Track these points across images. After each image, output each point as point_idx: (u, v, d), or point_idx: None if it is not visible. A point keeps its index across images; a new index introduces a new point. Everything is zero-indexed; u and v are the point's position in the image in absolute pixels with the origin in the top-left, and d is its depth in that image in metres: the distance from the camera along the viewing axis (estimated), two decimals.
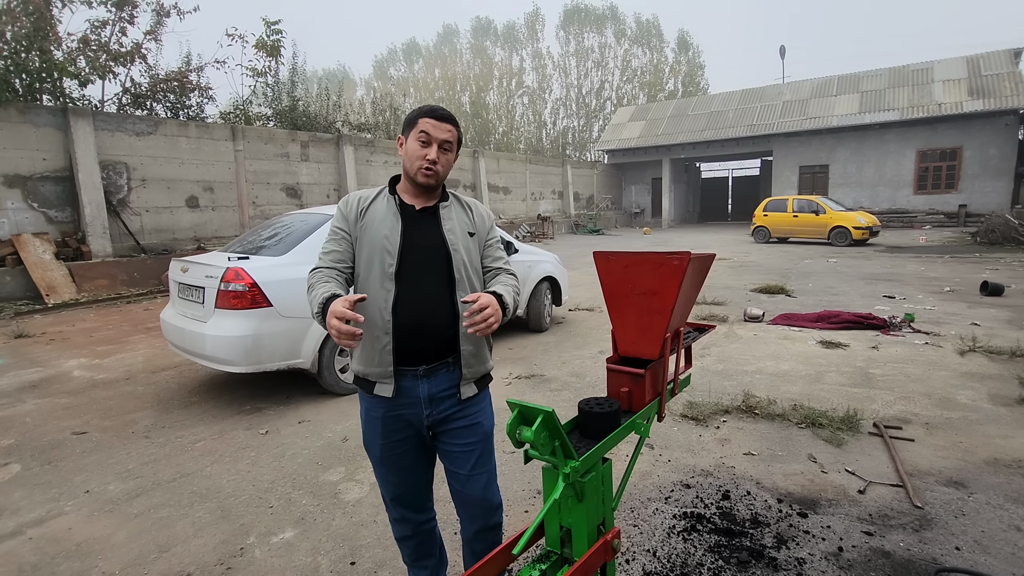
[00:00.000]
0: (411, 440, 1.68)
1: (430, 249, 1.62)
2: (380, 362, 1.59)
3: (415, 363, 1.60)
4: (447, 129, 1.60)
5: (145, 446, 3.37)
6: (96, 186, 9.76)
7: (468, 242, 1.68)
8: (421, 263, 1.61)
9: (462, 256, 1.64)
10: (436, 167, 1.59)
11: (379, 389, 1.62)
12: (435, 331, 1.60)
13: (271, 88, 14.86)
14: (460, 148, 1.73)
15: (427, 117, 1.59)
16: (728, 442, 3.21)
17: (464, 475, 1.70)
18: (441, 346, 1.62)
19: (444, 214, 1.67)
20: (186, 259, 4.21)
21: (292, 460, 3.14)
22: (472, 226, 1.71)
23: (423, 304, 1.59)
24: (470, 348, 1.65)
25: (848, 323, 5.81)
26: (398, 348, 1.58)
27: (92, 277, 9.18)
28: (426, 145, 1.58)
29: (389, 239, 1.59)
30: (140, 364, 5.17)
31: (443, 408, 1.64)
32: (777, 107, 24.02)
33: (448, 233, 1.64)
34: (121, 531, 2.47)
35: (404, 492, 1.71)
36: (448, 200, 1.72)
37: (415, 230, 1.63)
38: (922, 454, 2.98)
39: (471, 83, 42.30)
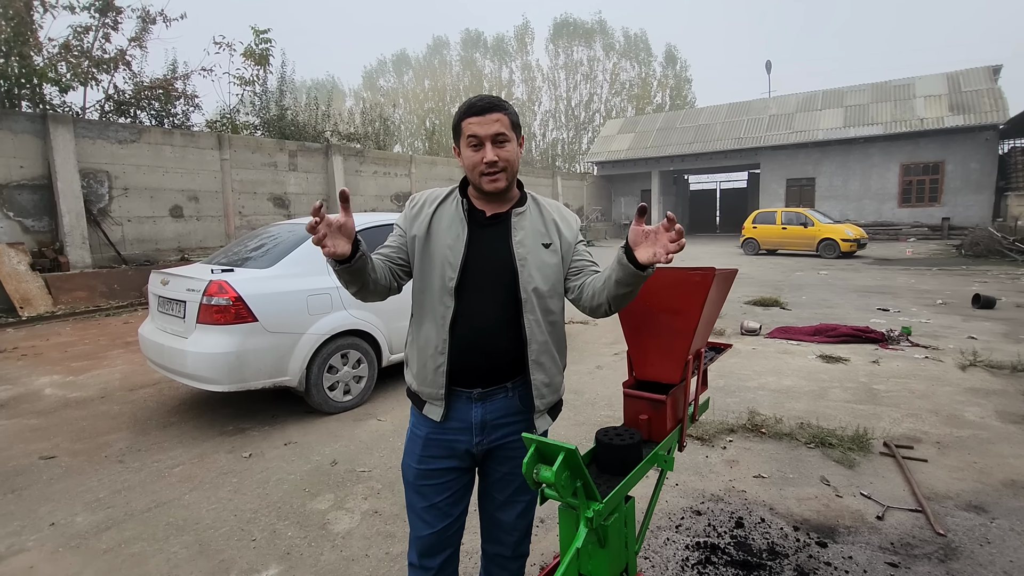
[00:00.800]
0: (450, 473, 1.48)
1: (496, 263, 1.43)
2: (433, 382, 1.43)
3: (470, 384, 1.44)
4: (494, 120, 1.38)
5: (118, 472, 3.16)
6: (76, 195, 9.48)
7: (541, 255, 1.45)
8: (485, 278, 1.43)
9: (530, 272, 1.42)
10: (498, 166, 1.39)
11: (428, 410, 1.47)
12: (495, 353, 1.44)
13: (259, 97, 14.67)
14: (520, 131, 1.48)
15: (468, 117, 1.38)
16: (736, 464, 3.08)
17: (501, 500, 1.53)
18: (500, 370, 1.45)
19: (515, 222, 1.46)
20: (167, 271, 4.01)
21: (277, 487, 2.95)
22: (548, 234, 1.48)
23: (484, 323, 1.42)
24: (542, 378, 1.46)
25: (846, 337, 5.75)
26: (453, 368, 1.42)
27: (69, 289, 8.87)
28: (478, 148, 1.39)
29: (452, 250, 1.42)
30: (117, 381, 4.93)
31: (496, 437, 1.47)
32: (764, 121, 24.32)
33: (517, 246, 1.43)
34: (88, 569, 2.26)
35: (428, 534, 1.48)
36: (524, 205, 1.49)
37: (482, 240, 1.44)
38: (937, 476, 2.87)
39: (460, 94, 42.42)
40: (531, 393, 1.46)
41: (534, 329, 1.45)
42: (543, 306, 1.46)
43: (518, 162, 1.47)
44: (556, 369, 1.51)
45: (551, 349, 1.49)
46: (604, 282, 1.37)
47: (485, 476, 1.54)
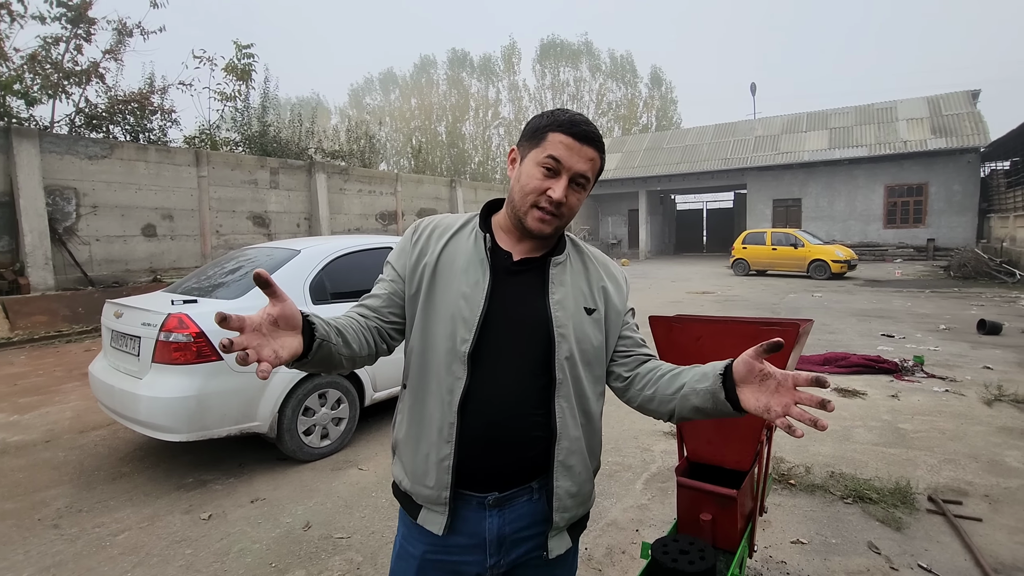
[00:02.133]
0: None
1: (525, 325, 1.08)
2: (435, 482, 1.05)
3: (484, 488, 1.07)
4: (589, 157, 1.05)
5: (51, 540, 2.68)
6: (39, 213, 8.94)
7: (584, 325, 1.11)
8: (510, 343, 1.07)
9: (570, 345, 1.08)
10: (561, 210, 1.05)
11: (425, 518, 1.08)
12: (520, 444, 1.06)
13: (241, 113, 14.27)
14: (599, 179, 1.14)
15: (563, 133, 1.03)
16: (769, 525, 2.70)
17: None
18: (525, 466, 1.08)
19: (554, 275, 1.11)
20: (120, 301, 3.56)
21: (239, 559, 2.50)
22: (591, 299, 1.13)
23: (507, 403, 1.05)
24: (568, 485, 1.09)
25: (858, 367, 5.46)
26: (461, 464, 1.05)
27: (28, 313, 8.28)
28: (552, 175, 1.04)
29: (469, 301, 1.06)
30: (67, 421, 4.42)
31: (517, 555, 1.10)
32: (750, 142, 24.51)
33: (555, 307, 1.08)
34: None
35: None
36: (563, 252, 1.14)
37: (507, 292, 1.09)
38: (997, 539, 2.53)
39: (447, 113, 42.46)
40: (553, 501, 1.09)
41: (567, 420, 1.08)
42: (579, 391, 1.09)
43: (573, 217, 1.10)
44: (587, 475, 1.14)
45: (583, 449, 1.11)
46: (674, 394, 1.03)
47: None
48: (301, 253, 3.78)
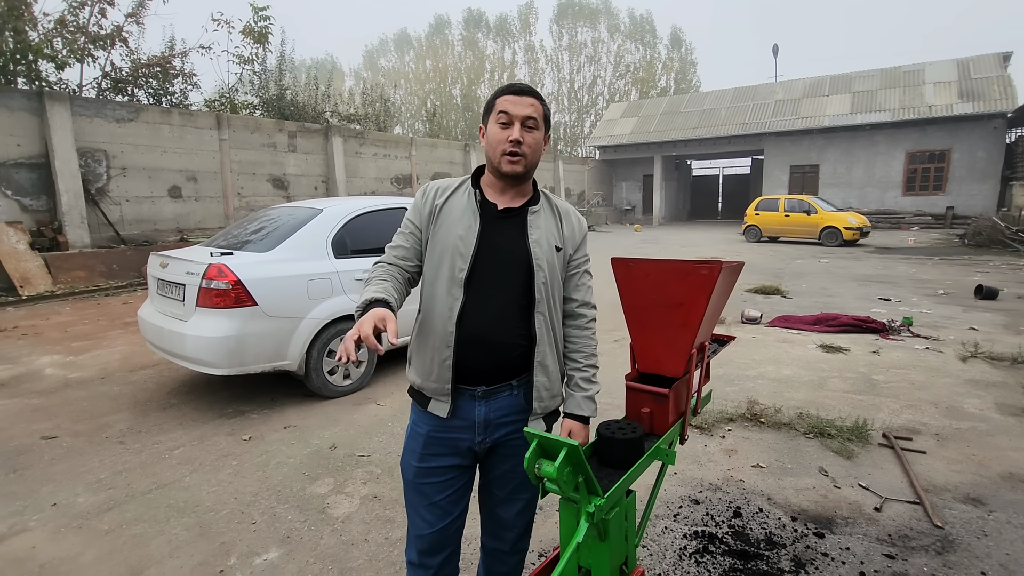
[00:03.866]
0: (451, 471, 1.46)
1: (510, 259, 1.42)
2: (438, 377, 1.40)
3: (475, 382, 1.42)
4: (529, 103, 1.38)
5: (119, 453, 3.17)
6: (74, 174, 9.40)
7: (553, 258, 1.46)
8: (497, 273, 1.41)
9: (545, 274, 1.42)
10: (522, 148, 1.37)
11: (434, 407, 1.44)
12: (503, 349, 1.41)
13: (258, 76, 14.47)
14: (549, 127, 1.48)
15: (506, 94, 1.39)
16: (735, 453, 3.09)
17: (502, 496, 1.53)
18: (507, 367, 1.43)
19: (532, 220, 1.45)
20: (166, 253, 3.98)
21: (277, 470, 2.96)
22: (560, 239, 1.48)
23: (493, 318, 1.40)
24: (544, 380, 1.46)
25: (847, 326, 5.74)
26: (459, 363, 1.39)
27: (69, 268, 8.84)
28: (507, 126, 1.37)
29: (464, 241, 1.39)
30: (117, 362, 4.93)
31: (499, 436, 1.46)
32: (769, 106, 24.04)
33: (534, 245, 1.42)
34: (90, 550, 2.28)
35: (429, 533, 1.46)
36: (539, 203, 1.49)
37: (495, 234, 1.42)
38: (935, 468, 2.88)
39: (462, 75, 41.89)
40: (533, 394, 1.45)
41: (543, 331, 1.44)
42: (551, 309, 1.46)
43: (540, 155, 1.45)
44: (558, 375, 1.51)
45: (555, 352, 1.49)
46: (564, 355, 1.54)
47: (486, 473, 1.53)
48: (323, 212, 4.14)
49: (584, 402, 1.49)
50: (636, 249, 14.93)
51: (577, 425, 1.48)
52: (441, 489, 1.45)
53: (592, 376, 1.53)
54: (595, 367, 1.55)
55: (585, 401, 1.49)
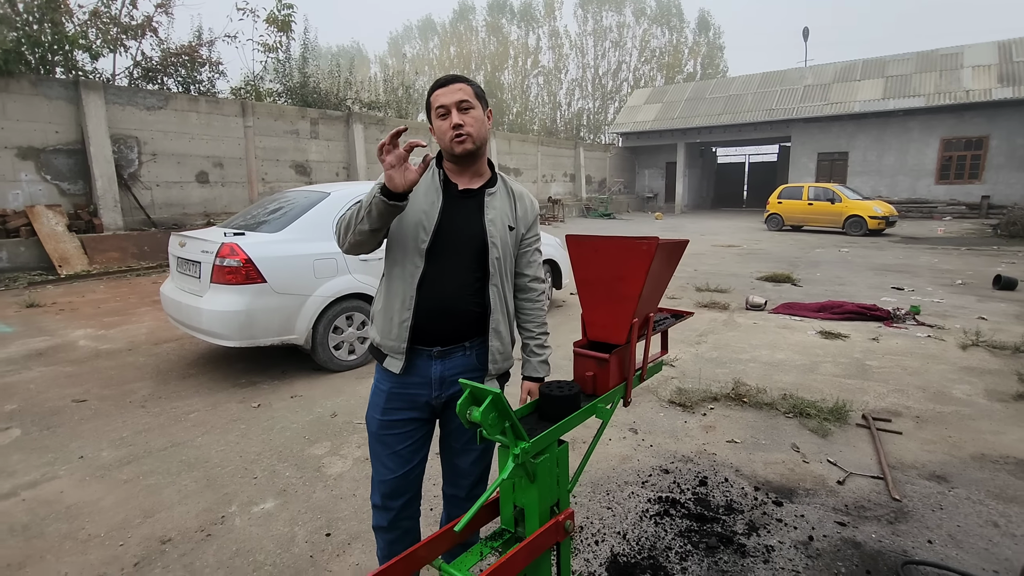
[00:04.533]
0: (410, 424, 1.63)
1: (467, 235, 1.58)
2: (397, 336, 1.57)
3: (431, 343, 1.58)
4: (457, 89, 1.53)
5: (140, 415, 3.46)
6: (107, 159, 9.87)
7: (506, 236, 1.62)
8: (455, 246, 1.57)
9: (499, 251, 1.58)
10: (464, 129, 1.52)
11: (388, 363, 1.60)
12: (457, 315, 1.58)
13: (282, 64, 14.80)
14: (486, 104, 1.62)
15: (436, 89, 1.54)
16: (713, 429, 3.20)
17: (458, 448, 1.71)
18: (461, 330, 1.60)
19: (488, 201, 1.60)
20: (184, 234, 4.25)
21: (280, 433, 3.20)
22: (513, 219, 1.65)
23: (450, 287, 1.56)
24: (498, 345, 1.63)
25: (851, 314, 5.73)
26: (416, 326, 1.56)
27: (103, 249, 9.33)
28: (446, 115, 1.52)
29: (427, 215, 1.55)
30: (143, 336, 5.27)
31: (453, 392, 1.62)
32: (798, 91, 23.43)
33: (489, 224, 1.58)
34: (110, 496, 2.55)
35: (391, 479, 1.64)
36: (495, 186, 1.64)
37: (455, 212, 1.58)
38: (908, 447, 2.95)
39: (486, 62, 41.78)
40: (487, 356, 1.62)
41: (496, 301, 1.60)
42: (503, 282, 1.62)
43: (485, 130, 1.59)
44: (509, 339, 1.68)
45: (507, 319, 1.65)
46: (518, 325, 1.73)
47: (444, 426, 1.71)
48: (331, 195, 4.35)
49: (539, 365, 1.68)
50: None
51: (535, 385, 1.66)
52: (401, 440, 1.63)
53: (544, 342, 1.70)
54: (546, 334, 1.72)
55: (540, 364, 1.68)
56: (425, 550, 1.36)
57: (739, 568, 2.02)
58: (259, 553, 2.14)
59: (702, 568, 2.02)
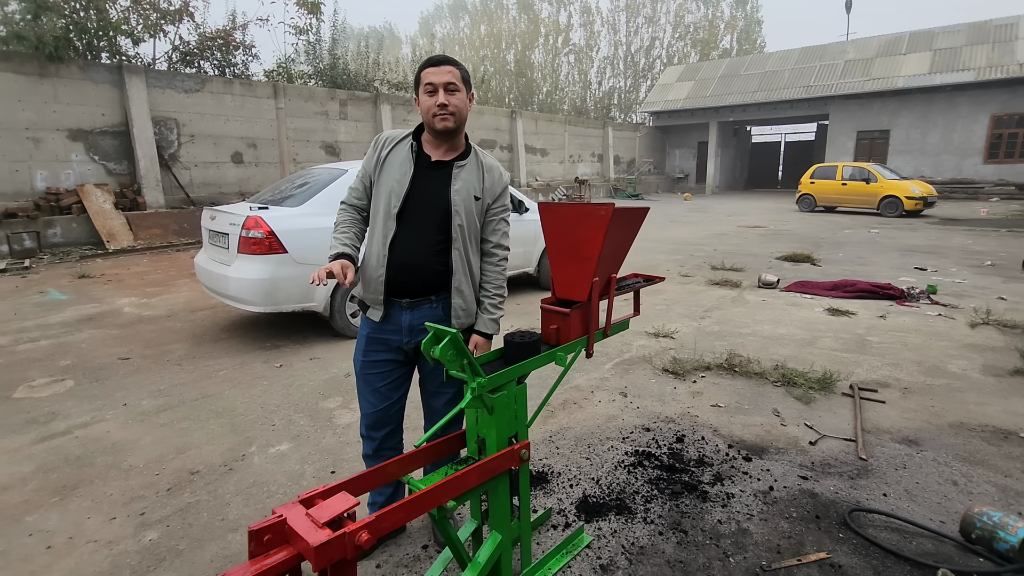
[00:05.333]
0: (387, 365, 1.87)
1: (434, 203, 1.77)
2: (374, 290, 1.81)
3: (401, 295, 1.81)
4: (447, 71, 1.70)
5: (176, 372, 3.83)
6: (149, 141, 10.41)
7: (471, 206, 1.79)
8: (423, 212, 1.77)
9: (462, 219, 1.77)
10: (448, 109, 1.70)
11: (371, 313, 1.86)
12: (423, 273, 1.79)
13: (312, 46, 15.12)
14: (470, 88, 1.79)
15: (426, 67, 1.72)
16: (700, 395, 3.36)
17: (432, 390, 1.95)
18: (427, 286, 1.81)
19: (456, 173, 1.78)
20: (215, 208, 4.59)
21: (298, 389, 3.51)
22: (480, 190, 1.82)
23: (417, 247, 1.77)
24: (460, 302, 1.84)
25: (863, 292, 5.72)
26: (389, 281, 1.78)
27: (147, 226, 9.92)
28: (433, 93, 1.70)
29: (399, 183, 1.75)
30: (181, 304, 5.70)
31: (423, 337, 1.80)
32: (838, 67, 22.51)
33: (454, 194, 1.76)
34: (148, 436, 2.90)
35: (372, 412, 1.90)
36: (467, 158, 1.82)
37: (424, 182, 1.77)
38: (888, 415, 3.05)
39: (516, 40, 41.34)
40: (451, 310, 1.83)
41: (458, 262, 1.81)
42: (466, 247, 1.81)
43: (466, 111, 1.79)
44: (472, 296, 1.87)
45: (469, 280, 1.85)
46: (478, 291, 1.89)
47: (420, 370, 1.94)
48: (348, 171, 4.60)
49: (489, 323, 1.88)
50: (680, 217, 14.77)
51: (482, 340, 1.86)
52: (381, 378, 1.88)
53: (498, 304, 1.90)
54: (501, 296, 1.91)
55: (490, 322, 1.88)
56: (395, 466, 1.60)
57: (698, 511, 2.21)
58: (272, 485, 2.44)
59: (664, 510, 2.21)
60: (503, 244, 1.91)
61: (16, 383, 3.62)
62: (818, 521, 2.12)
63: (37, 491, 2.40)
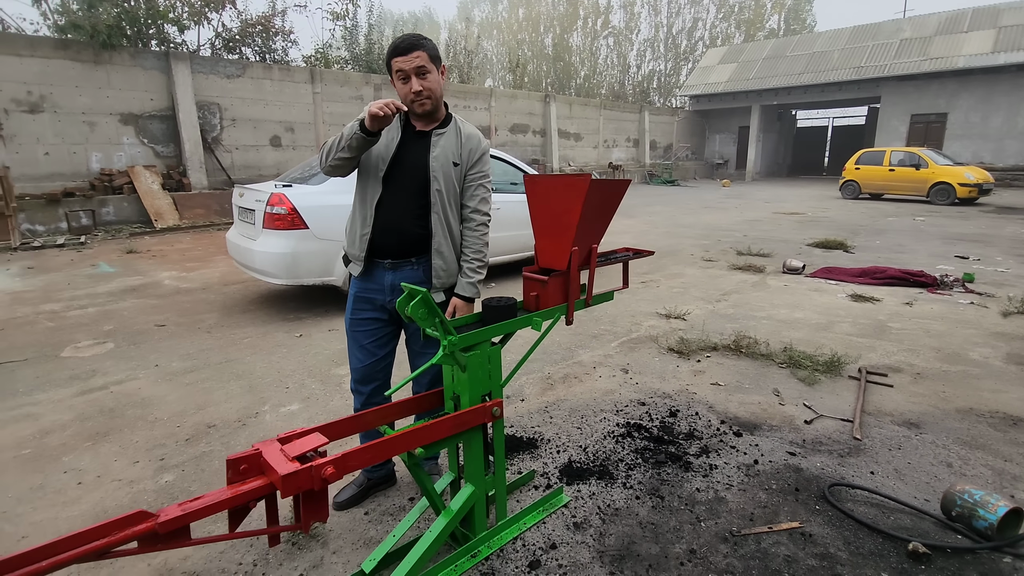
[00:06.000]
0: (373, 323, 2.00)
1: (415, 169, 1.88)
2: (359, 248, 1.93)
3: (384, 256, 1.93)
4: (415, 56, 1.78)
5: (205, 338, 4.09)
6: (193, 124, 10.89)
7: (450, 171, 1.90)
8: (405, 177, 1.88)
9: (440, 184, 1.88)
10: (423, 94, 1.81)
11: (352, 268, 1.98)
12: (404, 234, 1.91)
13: (349, 31, 15.38)
14: (440, 62, 1.87)
15: (393, 57, 1.80)
16: (702, 373, 3.37)
17: (416, 350, 2.07)
18: (408, 248, 1.92)
19: (435, 141, 1.89)
20: (243, 186, 4.83)
21: (314, 357, 3.70)
22: (458, 157, 1.92)
23: (399, 210, 1.89)
24: (440, 263, 1.95)
25: (893, 279, 5.52)
26: (373, 240, 1.91)
27: (191, 206, 10.42)
28: (406, 80, 1.80)
29: (387, 149, 1.87)
30: (216, 278, 6.03)
31: None
32: (892, 46, 21.33)
33: (432, 160, 1.87)
34: (174, 393, 3.14)
35: (360, 367, 2.04)
36: (446, 127, 1.92)
37: (408, 150, 1.89)
38: (894, 398, 2.99)
39: (555, 24, 40.76)
40: (432, 271, 1.93)
41: (437, 225, 1.91)
42: (447, 209, 1.91)
43: (440, 88, 1.88)
44: (452, 257, 1.97)
45: (449, 242, 1.94)
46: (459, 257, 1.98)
47: (406, 330, 2.06)
48: None
49: (467, 286, 1.96)
50: (715, 203, 14.44)
51: (461, 303, 1.95)
52: (367, 336, 2.00)
53: (477, 268, 1.98)
54: (481, 261, 1.98)
55: (468, 285, 1.96)
56: (373, 415, 1.72)
57: (678, 479, 2.25)
58: None
59: (644, 477, 2.27)
60: (481, 209, 1.99)
61: (64, 344, 3.95)
62: (797, 494, 2.14)
63: (74, 436, 2.66)
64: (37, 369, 3.50)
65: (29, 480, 2.30)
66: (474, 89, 17.21)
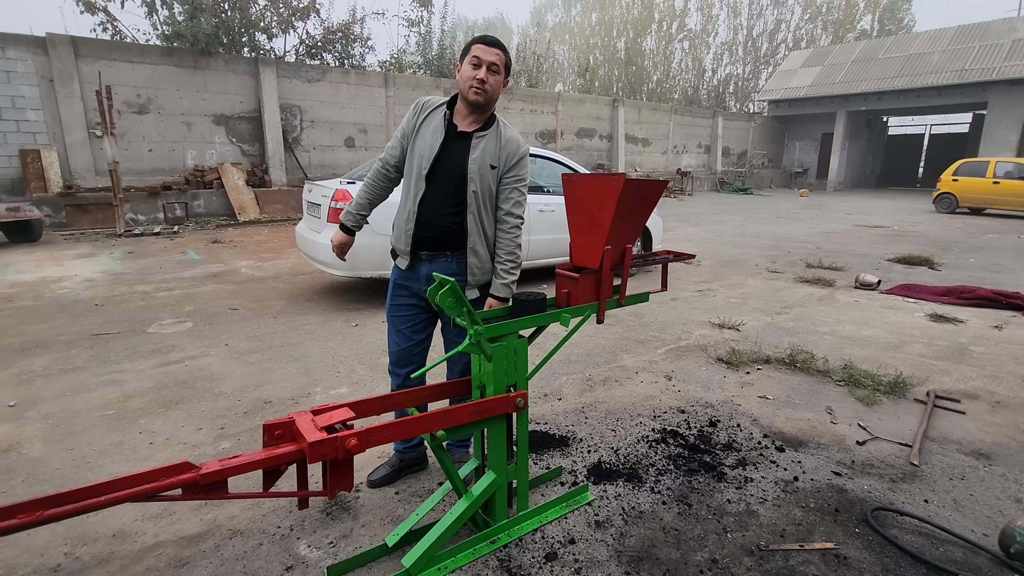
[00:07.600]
0: (410, 309, 2.11)
1: (456, 169, 1.97)
2: (404, 242, 2.05)
3: (422, 248, 2.04)
4: (495, 53, 1.89)
5: (271, 323, 4.39)
6: (276, 126, 11.67)
7: (487, 173, 1.97)
8: (446, 177, 1.98)
9: (476, 186, 1.96)
10: (485, 86, 1.89)
11: (399, 261, 2.10)
12: (441, 229, 2.01)
13: (423, 37, 15.93)
14: (508, 74, 1.98)
15: (478, 43, 1.92)
16: (750, 386, 3.24)
17: (449, 338, 2.17)
18: (444, 242, 2.02)
19: (475, 143, 1.98)
20: (312, 182, 5.14)
21: (367, 346, 3.89)
22: (496, 159, 1.99)
23: (438, 208, 1.99)
24: (475, 261, 2.03)
25: (982, 300, 5.05)
26: (416, 234, 2.02)
27: (271, 202, 11.17)
28: (477, 67, 1.89)
29: (430, 148, 1.97)
30: (287, 269, 6.45)
31: None
32: (1003, 47, 19.40)
33: (471, 162, 1.96)
34: (239, 370, 3.40)
35: (397, 351, 2.16)
36: (488, 129, 2.00)
37: (450, 150, 1.98)
38: (964, 426, 2.76)
39: (628, 27, 40.22)
40: (467, 267, 2.00)
41: (472, 224, 1.99)
42: (481, 210, 1.99)
43: (497, 93, 1.97)
44: (487, 256, 2.04)
45: (484, 241, 2.02)
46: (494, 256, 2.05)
47: (441, 318, 2.14)
48: None
49: (500, 287, 2.02)
50: (790, 214, 13.73)
51: (495, 302, 2.01)
52: (404, 320, 2.11)
53: (510, 268, 2.03)
54: (513, 262, 2.03)
55: (501, 286, 2.02)
56: (402, 396, 1.82)
57: (709, 488, 2.20)
58: None
59: (674, 483, 2.23)
60: (515, 212, 2.04)
61: (151, 321, 4.38)
62: (836, 514, 2.03)
63: (151, 402, 2.95)
64: (127, 342, 3.90)
65: (110, 437, 2.58)
66: (541, 93, 17.32)
